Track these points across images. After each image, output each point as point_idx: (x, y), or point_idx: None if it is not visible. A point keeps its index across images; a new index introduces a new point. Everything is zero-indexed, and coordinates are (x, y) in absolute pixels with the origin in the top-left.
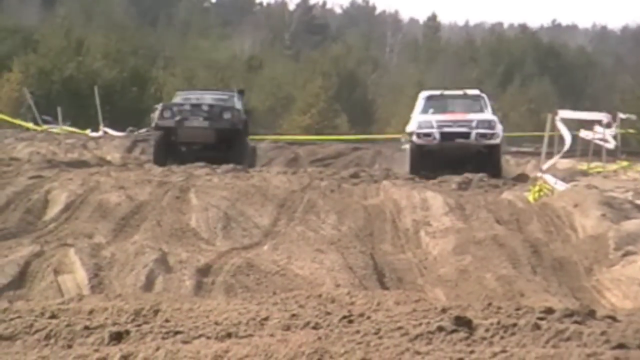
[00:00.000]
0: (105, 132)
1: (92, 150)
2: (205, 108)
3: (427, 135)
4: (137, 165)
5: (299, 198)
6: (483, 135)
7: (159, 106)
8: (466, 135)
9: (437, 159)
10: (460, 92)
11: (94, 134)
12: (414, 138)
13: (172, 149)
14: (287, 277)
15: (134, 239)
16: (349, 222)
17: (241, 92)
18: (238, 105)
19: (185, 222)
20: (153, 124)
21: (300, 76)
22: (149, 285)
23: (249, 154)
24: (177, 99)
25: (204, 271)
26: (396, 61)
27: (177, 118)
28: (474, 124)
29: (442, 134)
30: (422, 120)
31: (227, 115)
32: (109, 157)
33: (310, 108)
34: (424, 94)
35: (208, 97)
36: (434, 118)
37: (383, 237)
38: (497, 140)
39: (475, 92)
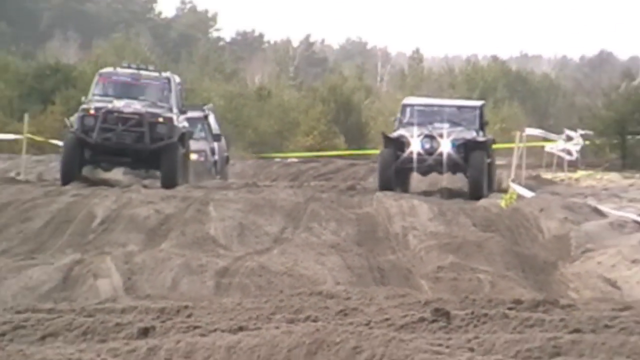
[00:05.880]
0: None
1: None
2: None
3: None
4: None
5: (303, 209)
6: None
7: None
8: None
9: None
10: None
11: None
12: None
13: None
14: (294, 277)
15: (161, 247)
16: (347, 229)
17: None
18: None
19: (206, 231)
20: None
21: (303, 103)
22: (174, 287)
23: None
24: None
25: (222, 273)
26: (386, 88)
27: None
28: None
29: None
30: None
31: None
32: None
33: (313, 130)
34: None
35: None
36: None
37: (376, 241)
38: None
39: None
